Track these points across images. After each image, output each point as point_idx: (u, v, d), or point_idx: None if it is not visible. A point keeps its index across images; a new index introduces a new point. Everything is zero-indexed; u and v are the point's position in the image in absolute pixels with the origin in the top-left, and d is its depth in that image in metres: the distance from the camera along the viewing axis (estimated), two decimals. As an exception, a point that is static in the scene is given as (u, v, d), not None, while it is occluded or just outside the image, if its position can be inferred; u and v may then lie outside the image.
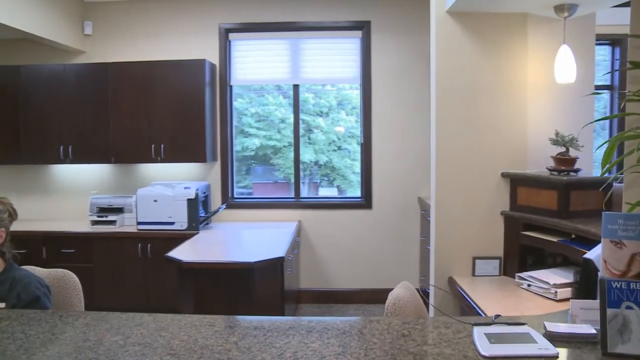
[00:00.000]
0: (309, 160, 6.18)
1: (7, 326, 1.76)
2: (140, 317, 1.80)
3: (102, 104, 5.63)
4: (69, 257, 5.43)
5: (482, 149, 3.89)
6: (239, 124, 6.19)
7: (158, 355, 1.49)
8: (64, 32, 5.66)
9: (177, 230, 5.37)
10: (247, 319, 1.77)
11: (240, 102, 6.19)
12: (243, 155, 6.24)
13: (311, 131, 6.19)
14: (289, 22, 5.83)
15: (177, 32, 5.93)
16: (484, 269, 3.93)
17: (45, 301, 2.42)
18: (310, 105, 6.20)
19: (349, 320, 1.73)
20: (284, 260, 4.41)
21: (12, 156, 5.81)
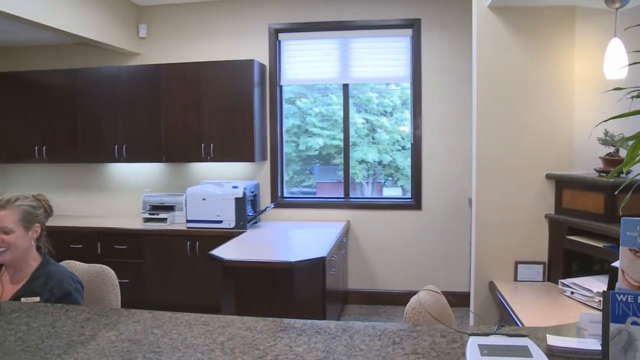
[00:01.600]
0: (372, 160, 6.12)
1: (15, 318, 1.81)
2: (140, 314, 1.82)
3: (154, 104, 5.78)
4: (122, 253, 5.60)
5: (526, 149, 3.73)
6: (303, 124, 6.20)
7: (143, 352, 1.49)
8: (120, 35, 5.84)
9: (225, 228, 5.43)
10: (243, 320, 1.75)
11: (305, 101, 6.19)
12: (307, 154, 6.24)
13: (375, 131, 6.12)
14: (339, 21, 5.80)
15: (228, 33, 6.00)
16: (526, 274, 3.77)
17: (77, 296, 2.47)
18: (374, 105, 6.13)
19: (345, 324, 1.68)
20: (326, 260, 4.37)
21: (71, 155, 6.06)
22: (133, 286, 5.57)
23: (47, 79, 6.04)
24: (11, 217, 2.45)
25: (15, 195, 2.56)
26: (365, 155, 6.09)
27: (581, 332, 1.61)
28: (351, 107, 6.10)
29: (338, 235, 5.14)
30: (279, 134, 6.09)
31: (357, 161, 6.13)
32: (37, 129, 6.09)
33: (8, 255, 2.44)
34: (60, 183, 6.54)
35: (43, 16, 4.69)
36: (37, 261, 2.55)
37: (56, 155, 6.10)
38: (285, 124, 6.23)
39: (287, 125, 6.24)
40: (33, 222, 2.53)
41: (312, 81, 6.12)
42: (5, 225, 2.43)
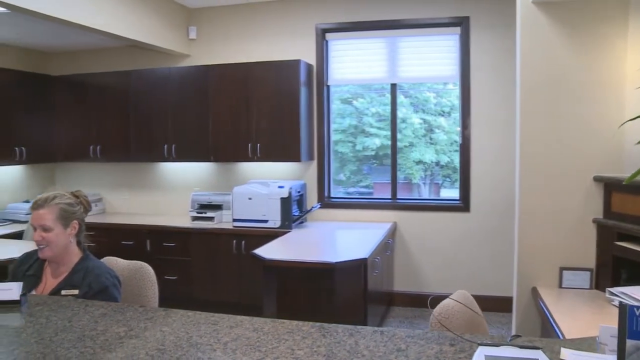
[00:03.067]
0: (430, 161, 6.02)
1: (38, 311, 1.87)
2: (153, 311, 1.84)
3: (202, 104, 5.87)
4: (170, 251, 5.71)
5: (572, 150, 3.58)
6: (360, 124, 6.16)
7: (147, 349, 1.51)
8: (170, 38, 5.97)
9: (270, 228, 5.46)
10: (253, 321, 1.74)
11: (361, 101, 6.15)
12: (364, 155, 6.19)
13: (432, 131, 6.02)
14: (386, 20, 5.73)
15: (275, 34, 6.03)
16: (572, 281, 3.61)
17: (114, 291, 2.52)
18: (431, 105, 6.03)
19: (354, 329, 1.65)
20: (367, 261, 4.32)
21: (123, 154, 6.25)
22: (180, 283, 5.68)
23: (102, 81, 6.25)
24: (50, 215, 2.52)
25: (53, 194, 2.63)
26: (422, 156, 6.00)
27: (601, 347, 1.51)
28: (408, 107, 6.02)
29: (383, 237, 5.08)
30: (327, 133, 6.07)
31: (414, 162, 6.03)
32: (93, 129, 6.31)
33: (48, 251, 2.52)
34: (113, 181, 6.74)
35: (98, 22, 4.88)
36: (77, 256, 2.61)
37: (109, 155, 6.30)
38: (342, 124, 6.20)
39: (343, 125, 6.21)
40: (71, 219, 2.59)
41: (359, 81, 6.08)
42: (45, 223, 2.50)
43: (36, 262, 2.63)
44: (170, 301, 5.70)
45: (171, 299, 5.61)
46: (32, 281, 2.58)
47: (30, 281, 2.58)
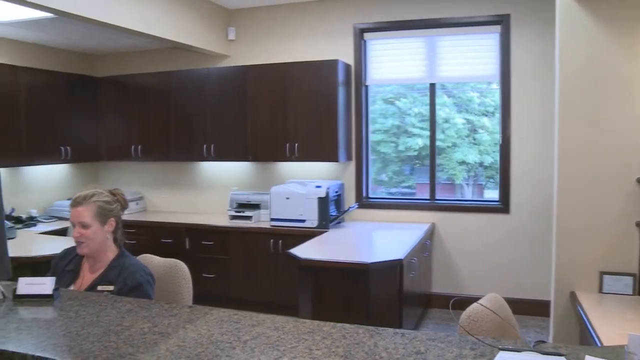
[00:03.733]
0: (473, 162, 5.94)
1: (69, 305, 1.93)
2: (178, 308, 1.87)
3: (241, 105, 5.93)
4: (208, 249, 5.79)
5: (614, 151, 3.46)
6: (403, 124, 6.12)
7: (167, 345, 1.54)
8: (210, 39, 6.06)
9: (307, 227, 5.47)
10: (275, 320, 1.74)
11: (404, 101, 6.11)
12: (406, 155, 6.14)
13: (476, 131, 5.95)
14: (424, 19, 5.67)
15: (313, 34, 6.05)
16: (613, 286, 3.50)
17: (148, 288, 2.56)
18: (475, 105, 5.96)
19: (375, 330, 1.64)
20: (403, 262, 4.29)
21: (164, 154, 6.37)
22: (218, 281, 5.76)
23: (144, 82, 6.39)
24: (88, 212, 2.59)
25: (92, 192, 2.69)
26: (465, 157, 5.92)
27: (630, 356, 1.45)
28: (451, 107, 5.96)
29: (420, 237, 5.04)
30: (365, 134, 6.05)
31: (457, 162, 5.96)
32: (134, 129, 6.46)
33: (86, 247, 2.59)
34: (154, 180, 6.88)
35: (141, 25, 5.02)
36: (113, 252, 2.67)
37: (150, 154, 6.44)
38: (385, 124, 6.17)
39: (386, 125, 6.18)
40: (108, 216, 2.64)
41: (398, 81, 6.04)
42: (83, 220, 2.57)
43: (75, 257, 2.70)
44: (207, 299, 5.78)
45: (208, 297, 5.71)
46: (71, 276, 2.65)
47: (69, 276, 2.66)
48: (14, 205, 5.83)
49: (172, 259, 2.89)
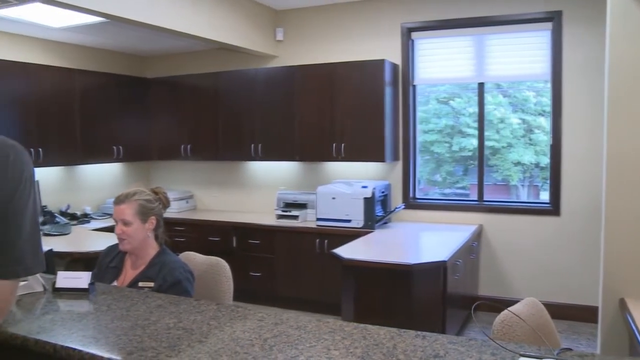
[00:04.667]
0: (529, 162, 5.81)
1: (102, 299, 2.00)
2: (205, 305, 1.91)
3: (288, 105, 5.98)
4: (254, 248, 5.86)
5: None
6: (457, 124, 6.04)
7: (190, 340, 1.57)
8: (258, 40, 6.13)
9: (353, 227, 5.46)
10: (298, 319, 1.75)
11: (458, 101, 6.04)
12: (460, 155, 6.07)
13: (532, 131, 5.81)
14: (473, 17, 5.57)
15: (360, 34, 6.04)
16: (665, 293, 3.35)
17: (187, 285, 2.61)
18: (531, 104, 5.83)
19: (396, 332, 1.62)
20: (447, 264, 4.23)
21: (212, 153, 6.50)
22: (264, 280, 5.82)
23: (193, 83, 6.53)
24: (129, 210, 2.66)
25: (134, 190, 2.77)
26: (521, 157, 5.78)
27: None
28: (507, 107, 5.85)
29: (466, 239, 4.96)
30: (412, 134, 6.00)
31: (513, 163, 5.83)
32: (184, 129, 6.60)
33: (127, 244, 2.67)
34: (203, 179, 7.02)
35: (191, 27, 5.14)
36: (154, 250, 2.74)
37: (200, 154, 6.57)
38: (438, 124, 6.10)
39: (440, 125, 6.11)
40: (149, 214, 2.71)
41: (446, 80, 5.97)
42: (125, 218, 2.65)
43: (118, 254, 2.79)
44: (253, 297, 5.91)
45: (255, 295, 5.81)
46: (114, 272, 2.74)
47: (112, 272, 2.74)
48: (70, 202, 6.06)
49: (214, 256, 2.93)
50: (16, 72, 5.29)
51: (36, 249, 1.49)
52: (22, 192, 1.41)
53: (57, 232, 5.09)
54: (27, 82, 5.39)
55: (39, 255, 1.50)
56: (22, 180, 1.41)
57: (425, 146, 6.15)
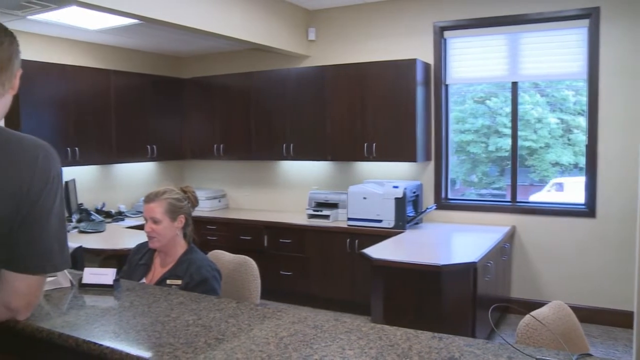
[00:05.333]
0: (567, 163, 5.71)
1: (126, 296, 2.04)
2: (226, 303, 1.93)
3: (320, 104, 6.00)
4: (286, 247, 5.90)
5: None
6: (493, 124, 5.97)
7: (206, 337, 1.59)
8: (290, 40, 6.17)
9: (384, 228, 5.45)
10: (316, 318, 1.75)
11: (495, 101, 5.96)
12: (497, 155, 5.98)
13: (570, 131, 5.70)
14: (507, 15, 5.48)
15: (392, 33, 6.01)
16: (701, 297, 3.26)
17: (214, 283, 2.65)
18: (570, 104, 5.72)
19: (413, 333, 1.61)
20: (477, 265, 4.19)
21: (245, 153, 6.57)
22: (295, 279, 5.85)
23: (226, 83, 6.62)
24: (159, 208, 2.71)
25: (164, 189, 2.82)
26: (559, 158, 5.68)
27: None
28: (544, 106, 5.76)
29: (498, 241, 4.90)
30: (444, 133, 5.95)
31: (550, 163, 5.74)
32: (217, 128, 6.70)
33: (156, 242, 2.72)
34: (235, 178, 7.10)
35: (222, 28, 5.22)
36: (183, 248, 2.78)
37: (232, 153, 6.65)
38: (475, 124, 6.04)
39: (476, 125, 6.04)
40: (178, 213, 2.75)
41: (479, 80, 5.90)
42: (154, 216, 2.70)
43: (148, 252, 2.84)
44: (284, 296, 5.95)
45: (285, 295, 5.85)
46: (143, 270, 2.79)
47: (142, 269, 2.80)
48: (105, 200, 6.20)
49: (242, 255, 2.96)
50: (55, 74, 5.44)
51: (62, 246, 1.53)
52: (49, 191, 1.45)
53: (92, 229, 5.21)
54: (65, 84, 5.54)
55: (65, 252, 1.54)
56: (49, 179, 1.46)
57: (462, 146, 6.09)
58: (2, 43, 1.45)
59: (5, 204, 1.37)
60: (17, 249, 1.43)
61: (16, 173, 1.39)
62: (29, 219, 1.42)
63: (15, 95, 1.56)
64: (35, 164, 1.43)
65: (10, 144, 1.44)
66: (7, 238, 1.40)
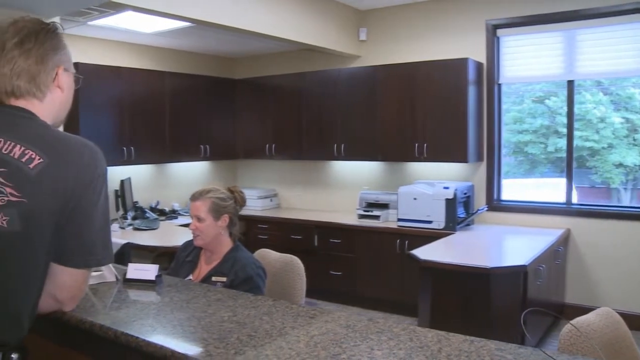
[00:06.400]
0: (632, 164, 5.49)
1: (167, 291, 2.10)
2: (262, 300, 1.96)
3: (370, 105, 5.99)
4: (335, 247, 5.92)
5: None
6: (552, 124, 5.83)
7: (239, 333, 1.62)
8: (341, 40, 6.19)
9: (434, 229, 5.39)
10: (349, 318, 1.76)
11: (554, 100, 5.81)
12: (556, 156, 5.81)
13: (636, 131, 5.49)
14: (563, 12, 5.32)
15: (443, 33, 5.94)
16: None
17: (258, 281, 2.69)
18: (636, 102, 5.51)
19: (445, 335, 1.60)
20: (527, 269, 4.09)
21: (296, 152, 6.63)
22: (344, 279, 5.86)
23: (278, 83, 6.71)
24: (203, 207, 2.78)
25: (209, 188, 2.89)
26: (623, 159, 5.48)
27: None
28: (608, 105, 5.58)
29: (551, 244, 4.78)
30: (497, 134, 5.84)
31: (614, 165, 5.54)
32: (268, 128, 6.79)
33: (200, 240, 2.79)
34: (287, 178, 7.17)
35: (274, 29, 5.30)
36: (228, 246, 2.83)
37: (284, 153, 6.72)
38: (533, 124, 5.89)
39: (535, 125, 5.89)
40: (222, 212, 2.80)
41: (533, 79, 5.77)
42: (198, 214, 2.77)
43: (194, 249, 2.91)
44: (334, 296, 5.97)
45: (335, 294, 5.88)
46: (190, 267, 2.87)
47: (188, 266, 2.87)
48: (159, 198, 6.37)
49: (288, 254, 2.99)
50: (111, 76, 5.63)
51: (106, 242, 1.59)
52: (94, 189, 1.51)
53: (147, 227, 5.36)
54: (121, 85, 5.73)
55: (109, 247, 1.60)
56: (94, 177, 1.51)
57: (519, 147, 5.95)
58: (30, 50, 1.51)
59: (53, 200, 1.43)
60: (63, 243, 1.49)
61: (63, 171, 1.45)
62: (74, 215, 1.48)
63: (74, 97, 1.65)
64: (81, 162, 1.49)
65: (58, 143, 1.50)
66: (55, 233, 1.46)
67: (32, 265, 1.44)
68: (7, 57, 1.49)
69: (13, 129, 1.45)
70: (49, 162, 1.43)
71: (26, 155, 1.41)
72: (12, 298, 1.42)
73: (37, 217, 1.41)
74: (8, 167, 1.39)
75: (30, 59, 1.51)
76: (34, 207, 1.40)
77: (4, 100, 1.51)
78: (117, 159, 5.62)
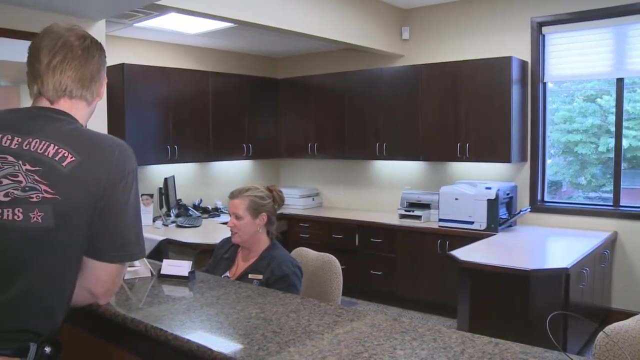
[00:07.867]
0: None
1: (199, 287, 2.15)
2: (291, 298, 1.99)
3: (412, 104, 5.96)
4: (376, 246, 5.91)
5: None
6: (604, 123, 5.68)
7: (265, 329, 1.65)
8: (384, 39, 6.18)
9: (475, 230, 5.33)
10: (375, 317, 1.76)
11: (607, 99, 5.66)
12: (608, 157, 5.63)
13: None
14: (612, 7, 5.16)
15: (486, 31, 5.87)
16: None
17: (294, 279, 2.72)
18: None
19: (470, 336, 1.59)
20: (569, 272, 4.00)
21: (338, 152, 6.65)
22: (385, 278, 5.85)
23: (320, 82, 6.74)
24: (241, 205, 2.82)
25: (248, 186, 2.92)
26: None
27: None
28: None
29: (596, 246, 4.66)
30: (542, 133, 5.73)
31: None
32: (311, 127, 6.83)
33: (237, 237, 2.83)
34: (329, 177, 7.19)
35: (317, 29, 5.35)
36: (265, 244, 2.86)
37: (326, 152, 6.75)
38: (584, 124, 5.74)
39: (585, 124, 5.75)
40: (260, 210, 2.83)
41: (580, 77, 5.61)
42: (237, 212, 2.81)
43: (232, 247, 2.96)
44: (374, 296, 5.97)
45: (375, 294, 5.88)
46: (227, 264, 2.91)
47: (226, 263, 2.92)
48: (202, 196, 6.49)
49: (325, 253, 3.00)
50: (157, 77, 5.77)
51: (138, 237, 1.64)
52: (125, 185, 1.57)
53: (189, 224, 5.47)
54: (167, 85, 5.86)
55: (141, 242, 1.65)
56: (124, 174, 1.57)
57: (569, 147, 5.81)
58: (94, 57, 1.64)
59: (85, 197, 1.49)
60: (97, 239, 1.55)
61: (94, 169, 1.51)
62: (106, 212, 1.54)
63: (120, 97, 1.75)
64: (112, 160, 1.55)
65: (90, 142, 1.56)
66: (88, 229, 1.52)
67: (65, 259, 1.51)
68: (79, 59, 1.60)
69: (47, 129, 1.52)
70: (81, 161, 1.49)
71: (59, 154, 1.48)
72: (46, 292, 1.48)
73: (70, 213, 1.47)
74: (43, 165, 1.46)
75: (93, 65, 1.63)
76: (67, 203, 1.46)
77: (53, 99, 1.59)
78: (161, 158, 5.76)
